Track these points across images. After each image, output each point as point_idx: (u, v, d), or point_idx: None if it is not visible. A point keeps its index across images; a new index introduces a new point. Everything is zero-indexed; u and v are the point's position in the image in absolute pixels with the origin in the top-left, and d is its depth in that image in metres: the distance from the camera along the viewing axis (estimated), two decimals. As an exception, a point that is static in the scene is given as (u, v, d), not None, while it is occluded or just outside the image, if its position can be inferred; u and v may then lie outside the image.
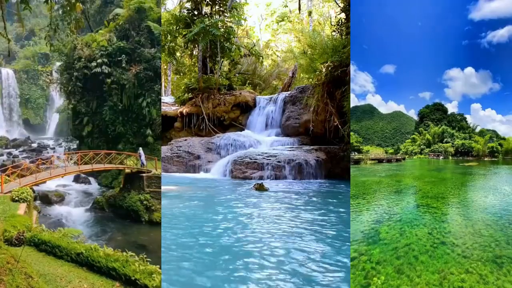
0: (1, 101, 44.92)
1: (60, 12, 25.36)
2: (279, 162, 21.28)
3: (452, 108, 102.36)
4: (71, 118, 31.13)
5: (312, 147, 23.73)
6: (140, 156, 20.22)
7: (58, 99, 45.89)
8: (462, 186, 22.77)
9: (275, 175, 20.88)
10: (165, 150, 25.27)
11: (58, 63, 36.29)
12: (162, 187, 18.26)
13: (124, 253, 8.43)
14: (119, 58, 27.00)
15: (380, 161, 54.81)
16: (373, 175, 28.79)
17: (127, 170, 19.92)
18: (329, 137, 24.15)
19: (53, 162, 18.80)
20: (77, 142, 32.98)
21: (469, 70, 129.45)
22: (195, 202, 13.68)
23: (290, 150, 23.30)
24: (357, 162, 45.88)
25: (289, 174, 20.96)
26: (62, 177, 18.80)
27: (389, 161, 57.06)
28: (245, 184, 18.37)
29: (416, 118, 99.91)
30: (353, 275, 7.46)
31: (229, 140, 25.82)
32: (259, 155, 22.32)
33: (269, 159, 21.59)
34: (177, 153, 24.87)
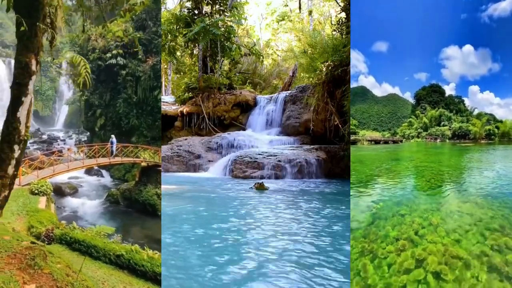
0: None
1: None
2: (279, 161, 20.87)
3: (449, 90, 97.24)
4: (83, 110, 30.51)
5: (312, 146, 23.32)
6: (111, 144, 19.28)
7: (68, 91, 45.42)
8: (459, 157, 23.10)
9: (275, 175, 20.48)
10: (165, 149, 24.84)
11: (68, 55, 35.49)
12: (162, 187, 17.87)
13: None
14: (135, 49, 26.14)
15: (377, 142, 54.40)
16: (371, 150, 28.80)
17: (143, 164, 19.41)
18: (329, 137, 23.77)
19: (70, 155, 18.44)
20: (87, 134, 32.41)
21: (468, 48, 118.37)
22: (195, 201, 13.35)
23: (290, 150, 22.91)
24: (354, 143, 45.24)
25: (289, 173, 20.57)
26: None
27: (386, 142, 56.75)
28: (245, 183, 18.00)
29: (412, 100, 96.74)
30: (359, 211, 7.70)
31: (229, 140, 25.42)
32: (259, 154, 21.93)
33: (269, 159, 21.19)
34: (177, 153, 24.43)
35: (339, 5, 27.89)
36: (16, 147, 5.12)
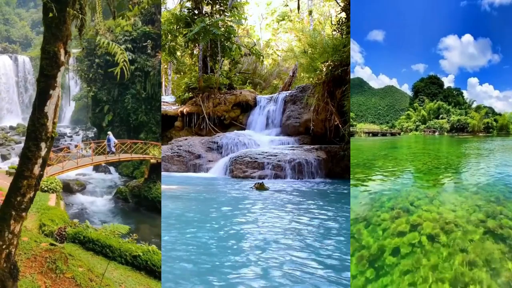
0: (17, 88, 43.95)
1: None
2: (279, 161, 20.79)
3: (448, 82, 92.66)
4: (91, 106, 30.03)
5: (312, 146, 23.24)
6: (108, 142, 18.48)
7: (74, 87, 45.10)
8: (457, 146, 23.54)
9: (275, 175, 20.40)
10: (165, 149, 24.75)
11: (74, 50, 35.30)
12: (162, 187, 17.77)
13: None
14: (144, 44, 25.54)
15: (374, 134, 54.37)
16: (370, 141, 28.96)
17: (153, 161, 19.14)
18: (330, 137, 23.71)
19: (78, 151, 18.16)
20: (95, 130, 32.03)
21: (467, 38, 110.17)
22: (195, 202, 13.29)
23: (290, 150, 22.83)
24: (351, 135, 45.14)
25: (289, 173, 20.49)
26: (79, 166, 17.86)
27: (383, 135, 56.71)
28: (245, 183, 17.93)
29: (410, 93, 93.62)
30: (356, 190, 7.92)
31: (230, 140, 25.34)
32: (259, 154, 21.85)
33: (270, 159, 21.11)
34: (177, 153, 24.35)
35: (339, 5, 27.80)
36: (43, 144, 4.63)
